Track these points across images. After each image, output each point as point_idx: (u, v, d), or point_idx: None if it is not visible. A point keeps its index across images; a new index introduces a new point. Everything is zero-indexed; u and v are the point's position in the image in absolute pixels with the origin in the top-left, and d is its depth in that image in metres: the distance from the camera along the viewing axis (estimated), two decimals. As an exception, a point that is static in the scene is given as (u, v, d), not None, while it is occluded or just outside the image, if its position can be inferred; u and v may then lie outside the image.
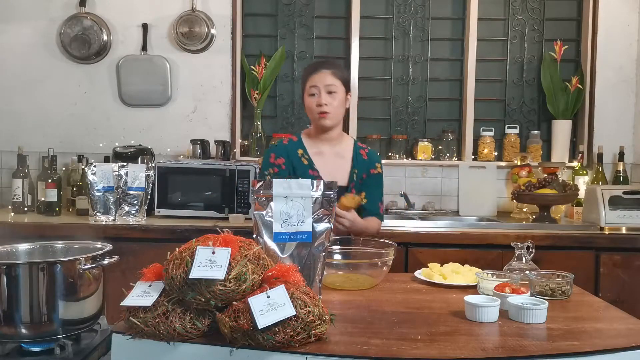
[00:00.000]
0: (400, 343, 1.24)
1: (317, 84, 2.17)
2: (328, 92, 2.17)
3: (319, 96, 2.17)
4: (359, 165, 2.27)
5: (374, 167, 2.29)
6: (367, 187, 2.26)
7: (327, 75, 2.18)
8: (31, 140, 3.37)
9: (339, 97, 2.19)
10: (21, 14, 3.39)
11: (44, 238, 1.68)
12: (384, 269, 1.79)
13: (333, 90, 2.17)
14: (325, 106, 2.16)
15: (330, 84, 2.17)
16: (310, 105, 2.20)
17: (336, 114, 2.21)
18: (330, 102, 2.17)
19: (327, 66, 2.22)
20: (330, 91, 2.17)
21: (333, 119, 2.21)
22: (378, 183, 2.30)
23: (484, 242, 2.73)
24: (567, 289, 1.65)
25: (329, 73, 2.18)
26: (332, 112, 2.18)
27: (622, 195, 2.89)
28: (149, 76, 3.38)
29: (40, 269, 1.39)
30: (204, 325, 1.23)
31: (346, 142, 2.33)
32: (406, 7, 3.53)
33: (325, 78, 2.17)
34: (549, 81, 3.45)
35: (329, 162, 2.25)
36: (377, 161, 2.31)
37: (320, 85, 2.17)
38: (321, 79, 2.18)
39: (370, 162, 2.29)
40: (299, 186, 1.45)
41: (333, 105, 2.18)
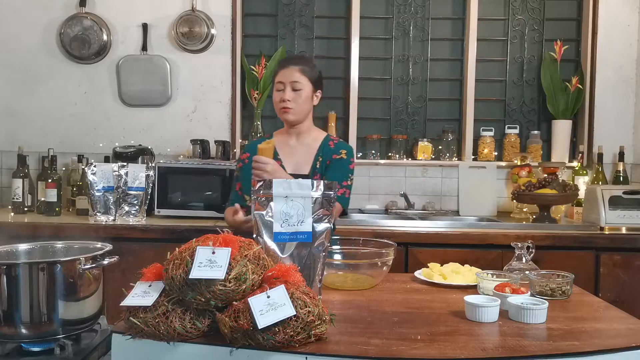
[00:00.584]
0: (400, 343, 1.24)
1: (283, 79, 2.20)
2: (293, 89, 2.19)
3: (283, 92, 2.19)
4: (324, 154, 2.26)
5: (337, 153, 2.26)
6: (329, 172, 2.23)
7: (294, 72, 2.19)
8: (31, 140, 3.37)
9: (304, 94, 2.21)
10: (21, 14, 3.39)
11: (44, 238, 1.68)
12: (384, 269, 1.79)
13: (298, 87, 2.19)
14: (287, 102, 2.19)
15: (295, 81, 2.19)
16: (275, 99, 2.23)
17: (299, 110, 2.22)
18: (294, 98, 2.19)
19: (296, 62, 2.24)
20: (295, 88, 2.19)
21: (295, 115, 2.22)
22: (340, 167, 2.24)
23: (484, 242, 2.73)
24: (567, 289, 1.65)
25: (296, 69, 2.20)
26: (294, 108, 2.20)
27: (622, 195, 2.89)
28: (149, 76, 3.38)
29: (40, 269, 1.39)
30: (204, 325, 1.23)
31: (316, 135, 2.33)
32: (406, 7, 3.53)
33: (292, 74, 2.19)
34: (549, 81, 3.45)
35: (294, 152, 2.27)
36: (343, 148, 2.28)
37: (286, 81, 2.19)
38: (287, 75, 2.20)
39: (335, 149, 2.27)
40: (299, 186, 1.45)
41: (297, 101, 2.20)
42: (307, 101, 2.23)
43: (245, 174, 2.23)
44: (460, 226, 2.90)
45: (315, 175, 2.23)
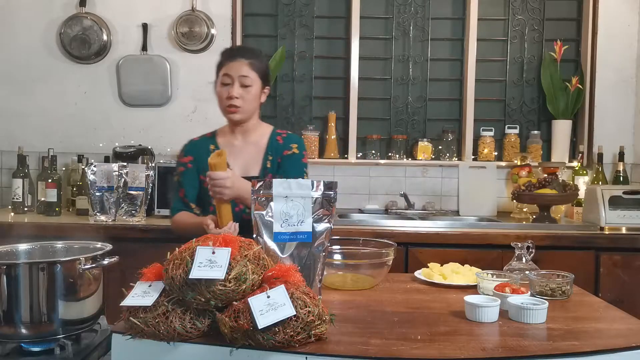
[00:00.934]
0: (400, 343, 1.24)
1: (231, 73, 1.99)
2: (242, 85, 2.00)
3: (231, 87, 2.00)
4: (273, 151, 2.09)
5: (288, 149, 2.10)
6: (282, 170, 2.07)
7: (244, 66, 2.00)
8: (31, 140, 3.37)
9: (254, 91, 2.02)
10: (21, 14, 3.39)
11: (44, 238, 1.68)
12: (384, 269, 1.79)
13: (248, 83, 2.00)
14: (236, 99, 2.00)
15: (245, 76, 1.99)
16: (221, 95, 2.03)
17: (248, 109, 2.04)
18: (243, 95, 2.00)
19: (245, 55, 2.03)
20: (245, 84, 2.00)
21: (243, 114, 2.04)
22: (293, 164, 2.09)
23: (484, 242, 2.73)
24: (567, 289, 1.65)
25: (245, 63, 2.00)
26: (243, 107, 2.02)
27: (622, 195, 2.89)
28: (149, 76, 3.38)
29: (40, 269, 1.39)
30: (204, 325, 1.23)
31: (263, 130, 2.15)
32: (406, 7, 3.53)
33: (241, 68, 1.99)
34: (549, 81, 3.45)
35: (241, 152, 2.10)
36: (293, 142, 2.12)
37: (235, 75, 1.99)
38: (236, 69, 1.99)
39: (285, 145, 2.11)
40: (299, 186, 1.45)
41: (245, 99, 2.01)
42: (256, 99, 2.05)
43: (188, 178, 2.10)
44: (460, 226, 2.90)
45: (267, 176, 2.05)
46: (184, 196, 2.11)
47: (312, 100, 3.55)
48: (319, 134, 3.46)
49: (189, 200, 2.10)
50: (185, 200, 2.11)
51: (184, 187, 2.11)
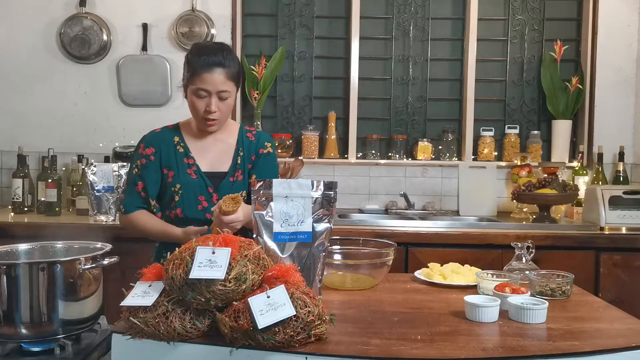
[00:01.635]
0: (400, 343, 1.24)
1: (208, 87, 1.86)
2: (220, 98, 1.89)
3: (208, 99, 1.88)
4: (245, 148, 2.00)
5: (263, 147, 2.02)
6: (258, 169, 2.00)
7: (221, 77, 1.86)
8: (31, 140, 3.37)
9: (230, 101, 1.92)
10: (21, 14, 3.39)
11: (44, 238, 1.68)
12: (384, 269, 1.79)
13: (225, 96, 1.89)
14: (214, 113, 1.89)
15: (223, 90, 1.87)
16: (197, 107, 1.89)
17: (224, 119, 1.96)
18: (222, 107, 1.90)
19: (221, 64, 1.87)
20: (223, 97, 1.89)
21: (220, 124, 1.95)
22: (269, 164, 2.03)
23: (484, 242, 2.73)
24: (567, 289, 1.65)
25: (223, 74, 1.87)
26: (220, 119, 1.93)
27: (622, 195, 2.89)
28: (149, 76, 3.38)
29: (40, 269, 1.39)
30: (204, 325, 1.23)
31: (230, 127, 2.05)
32: (406, 7, 3.53)
33: (219, 82, 1.86)
34: (549, 81, 3.45)
35: (209, 147, 1.99)
36: (266, 140, 2.05)
37: (213, 89, 1.86)
38: (214, 82, 1.86)
39: (259, 142, 2.02)
40: (298, 186, 1.45)
41: (223, 111, 1.91)
42: (231, 108, 1.96)
43: (149, 172, 1.95)
44: (460, 226, 2.90)
45: (237, 171, 1.97)
46: (142, 190, 1.95)
47: (312, 100, 3.55)
48: (319, 134, 3.46)
49: (148, 195, 1.96)
50: (143, 195, 1.96)
51: (144, 182, 1.95)
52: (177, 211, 1.95)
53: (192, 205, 1.94)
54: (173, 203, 1.95)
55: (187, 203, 1.94)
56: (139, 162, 1.97)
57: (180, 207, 1.94)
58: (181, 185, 1.94)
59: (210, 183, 1.94)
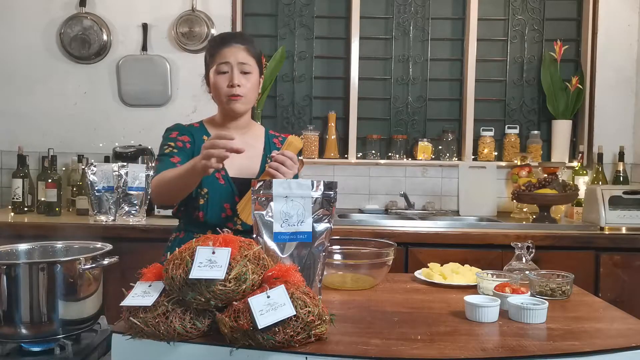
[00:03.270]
0: (400, 343, 1.24)
1: (229, 59, 1.81)
2: (242, 72, 1.83)
3: (230, 74, 1.82)
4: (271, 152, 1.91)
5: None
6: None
7: (241, 51, 1.83)
8: (31, 140, 3.36)
9: (253, 79, 1.86)
10: (21, 14, 3.39)
11: (44, 238, 1.68)
12: (384, 269, 1.79)
13: (247, 70, 1.83)
14: (238, 87, 1.82)
15: (244, 62, 1.83)
16: (220, 84, 1.83)
17: (250, 98, 1.87)
18: (244, 83, 1.83)
19: (241, 40, 1.87)
20: (245, 71, 1.83)
21: (246, 104, 1.87)
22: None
23: (484, 242, 2.73)
24: (567, 289, 1.65)
25: (242, 48, 1.84)
26: (245, 96, 1.84)
27: (622, 195, 2.89)
28: (149, 76, 3.38)
29: (40, 269, 1.39)
30: (204, 325, 1.23)
31: (256, 130, 2.00)
32: (406, 7, 3.53)
33: (239, 54, 1.83)
34: (549, 81, 3.45)
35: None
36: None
37: (233, 61, 1.82)
38: (234, 55, 1.82)
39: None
40: (299, 186, 1.45)
41: (247, 87, 1.84)
42: (256, 88, 1.89)
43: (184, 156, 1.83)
44: (460, 226, 2.90)
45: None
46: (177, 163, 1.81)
47: (312, 100, 3.55)
48: (319, 134, 3.46)
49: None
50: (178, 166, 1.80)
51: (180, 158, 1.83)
52: (199, 214, 1.86)
53: (216, 212, 1.85)
54: (197, 205, 1.85)
55: (211, 208, 1.85)
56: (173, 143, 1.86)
57: (204, 210, 1.85)
58: (208, 189, 1.84)
59: (237, 190, 1.85)
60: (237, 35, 1.95)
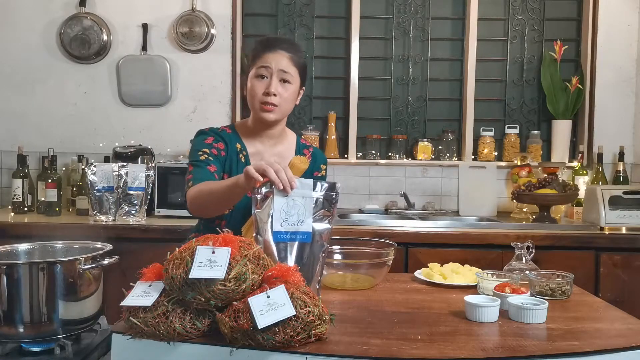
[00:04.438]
0: (400, 343, 1.24)
1: (270, 64, 1.74)
2: (281, 80, 1.76)
3: (269, 80, 1.75)
4: None
5: (318, 170, 1.93)
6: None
7: (284, 58, 1.76)
8: (31, 140, 3.37)
9: (292, 89, 1.79)
10: (21, 14, 3.39)
11: (44, 238, 1.68)
12: (384, 269, 1.79)
13: (288, 78, 1.76)
14: (273, 97, 1.74)
15: (286, 71, 1.75)
16: (256, 89, 1.76)
17: (285, 109, 1.80)
18: (282, 92, 1.76)
19: (287, 47, 1.79)
20: (285, 79, 1.76)
21: (279, 114, 1.79)
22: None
23: (484, 242, 2.73)
24: (567, 289, 1.65)
25: (286, 56, 1.76)
26: (280, 105, 1.77)
27: (622, 195, 2.88)
28: (149, 76, 3.38)
29: (40, 269, 1.39)
30: (204, 325, 1.23)
31: (289, 140, 1.93)
32: (406, 7, 3.53)
33: (282, 61, 1.75)
34: (549, 81, 3.45)
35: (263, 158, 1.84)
36: (322, 162, 1.96)
37: (274, 67, 1.74)
38: (277, 61, 1.75)
39: (315, 164, 1.92)
40: (300, 185, 1.45)
41: (283, 96, 1.76)
42: (293, 99, 1.82)
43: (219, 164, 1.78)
44: (460, 226, 2.90)
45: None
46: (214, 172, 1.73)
47: (312, 100, 3.55)
48: (319, 134, 3.46)
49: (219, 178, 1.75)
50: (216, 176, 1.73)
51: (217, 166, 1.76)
52: (222, 223, 1.81)
53: (238, 224, 1.71)
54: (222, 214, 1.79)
55: (234, 220, 1.78)
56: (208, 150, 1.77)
57: (227, 219, 1.81)
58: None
59: None
60: (284, 41, 1.85)
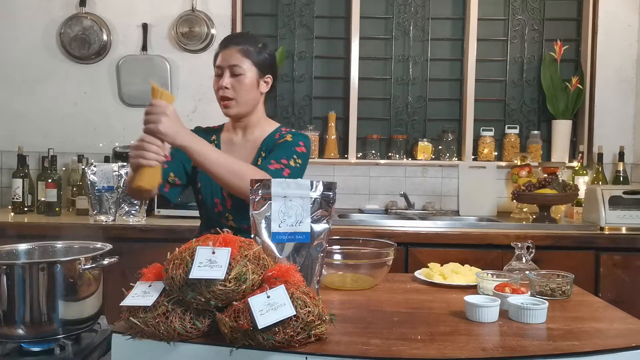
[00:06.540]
0: (400, 343, 1.24)
1: (221, 63, 1.83)
2: (232, 74, 1.82)
3: (221, 77, 1.83)
4: (268, 146, 1.88)
5: (282, 138, 1.88)
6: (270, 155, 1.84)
7: (234, 53, 1.82)
8: (31, 140, 3.37)
9: (247, 81, 1.82)
10: (21, 14, 3.39)
11: (44, 238, 1.68)
12: (384, 269, 1.79)
13: (239, 72, 1.81)
14: (226, 90, 1.82)
15: (235, 64, 1.81)
16: (214, 88, 1.86)
17: (243, 100, 1.84)
18: (235, 85, 1.82)
19: (238, 41, 1.85)
20: (236, 73, 1.81)
21: (238, 107, 1.85)
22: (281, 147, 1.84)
23: (484, 242, 2.73)
24: (567, 289, 1.65)
25: (236, 50, 1.82)
26: (236, 98, 1.83)
27: (622, 195, 2.89)
28: (149, 76, 3.37)
29: (40, 269, 1.39)
30: (204, 325, 1.23)
31: (266, 127, 1.94)
32: (406, 7, 3.53)
33: (232, 57, 1.82)
34: (549, 81, 3.45)
35: (237, 148, 1.91)
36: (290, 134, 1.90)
37: (225, 65, 1.82)
38: (226, 58, 1.82)
39: (281, 136, 1.89)
40: (297, 186, 1.45)
41: (237, 90, 1.82)
42: (251, 89, 1.84)
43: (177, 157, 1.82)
44: (460, 226, 2.90)
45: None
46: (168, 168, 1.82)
47: (312, 100, 3.55)
48: (319, 134, 3.46)
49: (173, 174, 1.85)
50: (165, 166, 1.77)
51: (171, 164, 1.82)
52: (201, 211, 1.98)
53: (210, 207, 1.91)
54: (198, 200, 1.96)
55: (207, 204, 1.92)
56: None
57: (204, 207, 1.95)
58: (202, 184, 1.91)
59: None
60: (237, 36, 1.96)
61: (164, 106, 1.59)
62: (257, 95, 1.89)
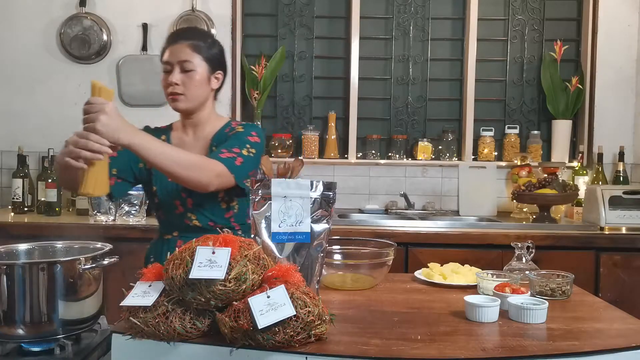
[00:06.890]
0: (400, 343, 1.24)
1: (170, 59, 1.79)
2: (183, 70, 1.79)
3: (171, 74, 1.79)
4: (218, 141, 1.84)
5: (232, 130, 1.85)
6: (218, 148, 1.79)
7: (184, 49, 1.78)
8: (31, 140, 3.36)
9: (197, 77, 1.80)
10: (21, 14, 3.39)
11: (44, 238, 1.68)
12: (384, 269, 1.79)
13: (189, 67, 1.78)
14: (176, 86, 1.79)
15: (185, 60, 1.78)
16: (162, 84, 1.83)
17: (194, 96, 1.81)
18: (185, 81, 1.79)
19: (187, 36, 1.82)
20: (186, 69, 1.78)
21: (187, 102, 1.82)
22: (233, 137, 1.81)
23: (484, 242, 2.73)
24: (567, 289, 1.65)
25: (186, 45, 1.79)
26: (186, 94, 1.80)
27: (622, 195, 2.89)
28: (149, 76, 3.37)
29: (40, 269, 1.39)
30: (204, 325, 1.23)
31: (216, 124, 1.90)
32: (406, 7, 3.53)
33: (181, 52, 1.78)
34: (549, 81, 3.45)
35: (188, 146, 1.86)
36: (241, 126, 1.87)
37: (174, 60, 1.78)
38: (175, 53, 1.79)
39: (232, 130, 1.86)
40: (297, 186, 1.45)
41: (187, 85, 1.79)
42: (201, 85, 1.82)
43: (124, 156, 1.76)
44: (460, 226, 2.90)
45: None
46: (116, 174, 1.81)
47: (312, 100, 3.55)
48: (319, 134, 3.46)
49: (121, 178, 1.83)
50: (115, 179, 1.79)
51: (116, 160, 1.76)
52: (159, 213, 1.90)
53: (171, 210, 1.85)
54: (154, 204, 1.89)
55: (166, 207, 1.85)
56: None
57: (162, 209, 1.88)
58: (157, 187, 1.84)
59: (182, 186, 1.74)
60: (187, 31, 1.94)
61: (101, 103, 1.53)
62: (208, 92, 1.86)
